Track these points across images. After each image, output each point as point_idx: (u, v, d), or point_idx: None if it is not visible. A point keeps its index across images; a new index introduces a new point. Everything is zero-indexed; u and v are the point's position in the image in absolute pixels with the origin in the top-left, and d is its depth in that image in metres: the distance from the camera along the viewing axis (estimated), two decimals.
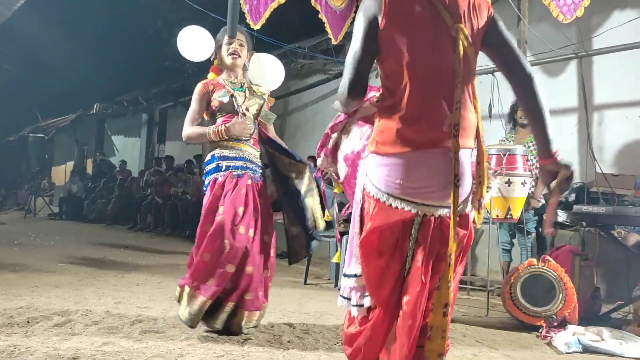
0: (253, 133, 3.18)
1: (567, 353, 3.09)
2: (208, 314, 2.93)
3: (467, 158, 1.74)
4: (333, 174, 2.11)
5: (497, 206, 3.96)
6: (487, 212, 4.05)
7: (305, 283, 5.20)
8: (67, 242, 7.73)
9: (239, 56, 3.20)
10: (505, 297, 3.70)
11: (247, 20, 4.73)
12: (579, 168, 5.44)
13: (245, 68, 3.33)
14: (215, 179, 3.06)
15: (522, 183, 3.92)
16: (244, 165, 3.09)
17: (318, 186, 3.16)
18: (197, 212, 3.27)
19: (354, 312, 1.84)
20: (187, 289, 2.93)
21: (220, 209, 2.95)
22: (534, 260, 3.71)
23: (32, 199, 13.42)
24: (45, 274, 4.85)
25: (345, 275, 1.89)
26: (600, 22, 5.54)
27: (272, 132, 3.34)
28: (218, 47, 3.25)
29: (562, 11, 4.66)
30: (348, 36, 4.61)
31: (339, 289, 1.95)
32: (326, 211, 3.05)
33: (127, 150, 16.34)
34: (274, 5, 5.00)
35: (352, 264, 1.86)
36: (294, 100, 9.74)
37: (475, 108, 1.77)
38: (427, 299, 1.72)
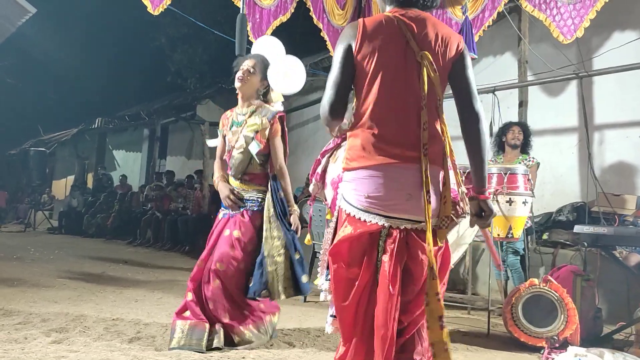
0: (246, 167, 3.20)
1: None
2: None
3: (435, 176, 1.84)
4: (322, 199, 2.22)
5: (498, 225, 3.94)
6: (488, 231, 4.03)
7: (305, 301, 5.16)
8: (66, 257, 7.69)
9: (242, 82, 3.18)
10: (506, 317, 3.68)
11: (250, 38, 4.76)
12: (580, 187, 5.45)
13: (259, 96, 3.29)
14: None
15: (523, 202, 3.90)
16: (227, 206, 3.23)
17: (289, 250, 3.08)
18: (197, 227, 3.34)
19: (328, 328, 1.99)
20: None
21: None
22: (536, 280, 3.70)
23: (32, 212, 13.41)
24: (44, 288, 4.82)
25: (322, 291, 2.04)
26: (600, 43, 5.59)
27: (278, 165, 3.20)
28: None
29: (563, 32, 4.71)
30: None
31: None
32: (307, 235, 2.93)
33: (128, 164, 16.36)
34: (277, 22, 5.06)
35: (322, 278, 2.02)
36: (295, 117, 9.78)
37: (442, 132, 1.87)
38: (400, 312, 1.77)
